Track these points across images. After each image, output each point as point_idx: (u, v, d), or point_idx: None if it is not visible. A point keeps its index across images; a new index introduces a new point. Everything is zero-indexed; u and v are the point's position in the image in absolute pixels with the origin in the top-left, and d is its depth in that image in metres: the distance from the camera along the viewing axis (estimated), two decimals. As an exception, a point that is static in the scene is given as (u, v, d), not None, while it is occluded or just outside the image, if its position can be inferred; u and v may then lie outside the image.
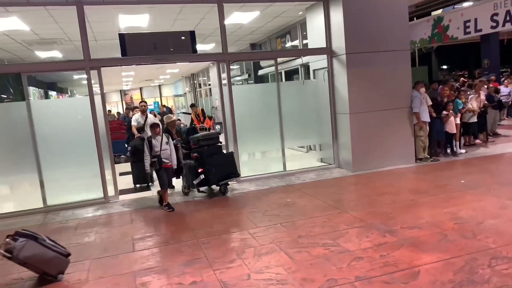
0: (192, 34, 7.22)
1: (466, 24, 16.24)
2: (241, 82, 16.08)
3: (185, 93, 27.11)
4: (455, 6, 19.94)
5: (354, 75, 7.53)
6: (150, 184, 7.94)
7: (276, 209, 5.87)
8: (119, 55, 6.92)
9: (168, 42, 7.15)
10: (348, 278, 3.55)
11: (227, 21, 8.04)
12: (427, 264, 3.70)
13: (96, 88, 7.49)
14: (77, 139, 6.90)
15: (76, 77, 18.17)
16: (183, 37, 7.25)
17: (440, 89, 9.31)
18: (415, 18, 21.25)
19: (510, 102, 13.66)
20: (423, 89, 8.12)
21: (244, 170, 7.77)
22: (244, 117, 7.73)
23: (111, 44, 8.99)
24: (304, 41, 9.79)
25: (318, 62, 8.49)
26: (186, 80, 26.18)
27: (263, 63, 12.98)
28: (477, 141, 9.72)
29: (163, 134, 6.33)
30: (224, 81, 7.81)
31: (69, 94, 25.23)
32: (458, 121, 8.76)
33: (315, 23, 8.33)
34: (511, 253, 3.79)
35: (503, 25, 14.93)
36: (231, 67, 8.41)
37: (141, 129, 8.18)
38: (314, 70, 8.89)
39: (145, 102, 8.89)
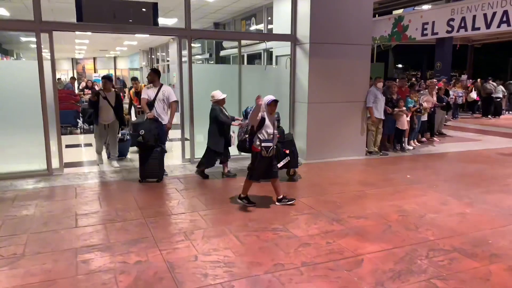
0: (154, 6, 6.91)
1: (424, 26, 16.87)
2: (201, 61, 15.77)
3: (141, 67, 26.23)
4: (415, 8, 20.63)
5: (316, 65, 7.58)
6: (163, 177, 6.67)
7: (230, 192, 5.83)
8: (74, 19, 6.49)
9: (128, 11, 6.80)
10: (295, 263, 3.60)
11: (192, -4, 7.76)
12: (370, 253, 3.84)
13: (45, 54, 6.99)
14: (21, 105, 6.43)
15: (24, 39, 16.99)
16: (144, 9, 6.93)
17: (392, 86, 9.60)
18: (377, 15, 21.76)
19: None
20: (380, 84, 8.34)
21: (200, 153, 7.64)
22: (202, 97, 7.53)
23: (66, 7, 8.41)
24: (269, 26, 9.71)
25: (281, 48, 8.45)
26: (143, 54, 25.30)
27: (225, 44, 12.78)
28: (424, 139, 10.20)
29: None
30: (185, 59, 7.58)
31: (15, 57, 23.60)
32: (408, 118, 9.12)
33: (282, 9, 8.26)
34: (448, 245, 4.01)
35: (458, 31, 15.66)
36: (192, 44, 8.17)
37: (151, 105, 6.58)
38: (277, 56, 8.86)
39: (156, 71, 6.93)
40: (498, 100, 16.46)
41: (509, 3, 13.61)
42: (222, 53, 13.21)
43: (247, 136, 5.13)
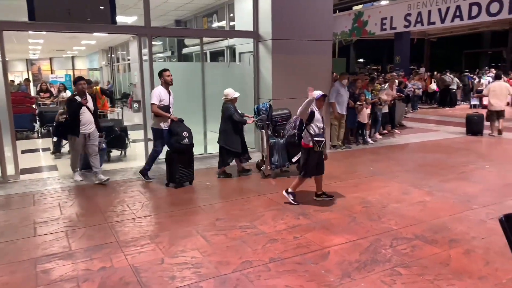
0: (112, 3, 6.70)
1: (383, 21, 17.33)
2: (163, 60, 15.49)
3: (101, 67, 25.46)
4: (374, 3, 21.13)
5: (278, 61, 7.61)
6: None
7: (196, 192, 5.77)
8: (26, 18, 6.19)
9: (84, 9, 6.56)
10: (263, 259, 3.61)
11: (151, -7, 7.59)
12: (336, 245, 3.90)
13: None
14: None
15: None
16: (102, 6, 6.71)
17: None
18: (337, 11, 22.14)
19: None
20: (345, 81, 8.48)
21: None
22: (165, 96, 7.44)
23: (16, 5, 8.01)
24: (232, 23, 9.65)
25: (244, 45, 8.44)
26: (103, 53, 24.56)
27: (188, 41, 12.61)
28: (385, 131, 10.50)
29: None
30: (145, 57, 7.41)
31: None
32: (369, 111, 9.36)
33: (244, 5, 8.24)
34: (410, 234, 4.14)
35: (415, 25, 16.19)
36: (153, 42, 8.00)
37: (166, 110, 6.06)
38: (240, 53, 8.84)
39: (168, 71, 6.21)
40: (453, 91, 17.20)
41: (461, -2, 14.18)
42: (185, 50, 13.03)
43: (295, 131, 5.04)
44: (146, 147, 7.35)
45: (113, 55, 22.39)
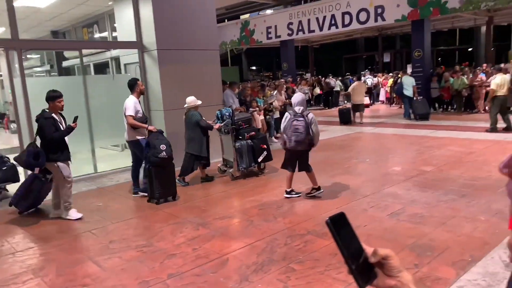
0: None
1: (268, 30, 18.19)
2: (44, 74, 14.18)
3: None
4: (259, 12, 22.05)
5: (167, 71, 7.48)
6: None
7: (86, 215, 5.35)
8: None
9: None
10: (160, 277, 3.49)
11: (18, 2, 6.91)
12: (235, 251, 3.94)
13: None
14: None
15: None
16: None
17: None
18: (226, 20, 22.63)
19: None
20: (236, 90, 8.68)
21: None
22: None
23: None
24: (114, 33, 9.23)
25: (129, 56, 8.13)
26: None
27: (68, 53, 11.71)
28: (278, 135, 10.97)
29: None
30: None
31: None
32: (262, 117, 9.70)
33: (125, 15, 7.93)
34: (303, 230, 4.37)
35: (297, 33, 17.29)
36: (29, 56, 7.27)
37: (144, 121, 5.96)
38: (125, 65, 8.48)
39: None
40: (335, 93, 18.75)
41: (335, 8, 15.56)
42: (65, 63, 12.08)
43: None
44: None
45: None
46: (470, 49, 26.36)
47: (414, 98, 12.60)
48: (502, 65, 12.03)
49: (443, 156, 7.38)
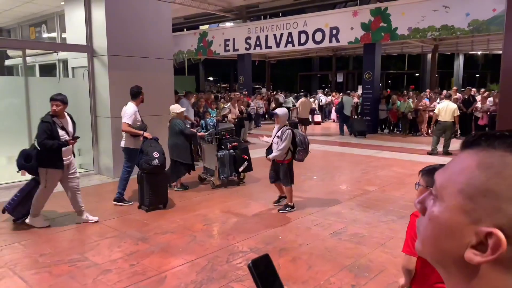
0: None
1: (226, 43, 18.26)
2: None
3: None
4: (219, 24, 22.14)
5: (116, 78, 7.25)
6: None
7: (16, 225, 5.00)
8: None
9: None
10: (91, 295, 3.30)
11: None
12: (174, 268, 3.82)
13: None
14: None
15: None
16: None
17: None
18: (185, 29, 22.50)
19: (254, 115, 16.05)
20: (192, 99, 8.58)
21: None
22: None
23: None
24: (64, 35, 8.84)
25: (78, 59, 7.80)
26: None
27: (12, 52, 11.07)
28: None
29: None
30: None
31: None
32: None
33: (75, 17, 7.63)
34: (245, 247, 4.33)
35: (254, 48, 17.49)
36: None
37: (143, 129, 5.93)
38: (73, 68, 8.13)
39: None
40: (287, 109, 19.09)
41: (292, 26, 15.93)
42: (8, 62, 11.39)
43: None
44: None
45: None
46: (417, 74, 27.90)
47: (353, 117, 14.14)
48: (451, 92, 12.88)
49: (386, 177, 7.67)
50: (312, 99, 20.61)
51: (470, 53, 23.81)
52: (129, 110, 5.81)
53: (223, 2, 18.54)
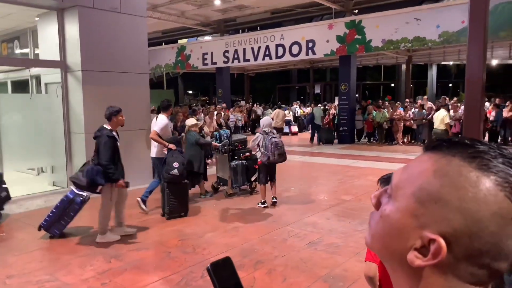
0: None
1: (204, 56, 18.32)
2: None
3: None
4: (198, 38, 22.22)
5: (91, 93, 7.18)
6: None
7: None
8: None
9: None
10: (60, 317, 3.21)
11: None
12: (147, 285, 3.76)
13: None
14: None
15: None
16: None
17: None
18: (163, 43, 22.48)
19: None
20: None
21: None
22: None
23: None
24: (37, 51, 8.72)
25: (51, 75, 7.69)
26: None
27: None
28: (209, 161, 10.91)
29: None
30: None
31: None
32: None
33: (49, 33, 7.55)
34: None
35: (232, 62, 17.60)
36: None
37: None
38: (46, 84, 8.01)
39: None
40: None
41: (269, 39, 16.12)
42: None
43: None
44: None
45: None
46: (392, 85, 28.53)
47: (322, 127, 14.99)
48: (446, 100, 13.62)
49: (362, 186, 7.77)
50: (287, 111, 20.88)
51: (442, 63, 24.56)
52: (161, 122, 6.24)
53: (201, 17, 18.67)
